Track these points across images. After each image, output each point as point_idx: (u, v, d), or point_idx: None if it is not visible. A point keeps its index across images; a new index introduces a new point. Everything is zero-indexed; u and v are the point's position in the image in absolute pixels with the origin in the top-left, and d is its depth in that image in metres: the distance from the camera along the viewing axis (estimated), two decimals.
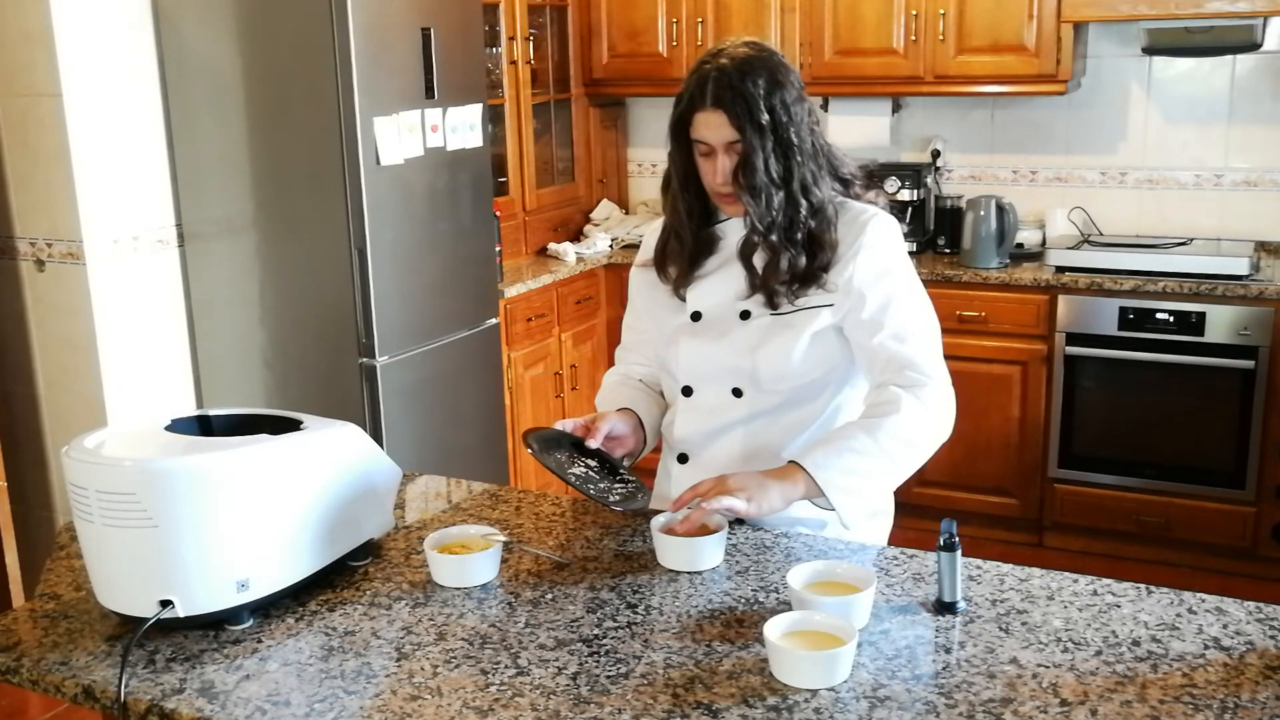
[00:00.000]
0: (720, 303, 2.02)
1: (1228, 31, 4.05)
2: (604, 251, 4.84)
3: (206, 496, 1.63)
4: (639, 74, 4.95)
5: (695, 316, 2.04)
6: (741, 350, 1.99)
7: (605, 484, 1.99)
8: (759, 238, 1.94)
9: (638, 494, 1.99)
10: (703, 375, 2.04)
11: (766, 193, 1.90)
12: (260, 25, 3.50)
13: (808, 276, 1.94)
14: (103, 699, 1.57)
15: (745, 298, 2.00)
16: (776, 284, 1.95)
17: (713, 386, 2.04)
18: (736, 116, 1.87)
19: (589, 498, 1.93)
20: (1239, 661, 1.56)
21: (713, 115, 1.88)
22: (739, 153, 1.90)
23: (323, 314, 3.61)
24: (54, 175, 3.44)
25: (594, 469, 2.00)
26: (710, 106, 1.88)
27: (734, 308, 2.01)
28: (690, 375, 2.06)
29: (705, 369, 2.04)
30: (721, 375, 2.02)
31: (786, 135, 1.90)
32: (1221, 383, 3.94)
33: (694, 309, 2.04)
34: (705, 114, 1.89)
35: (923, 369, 1.94)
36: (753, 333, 1.99)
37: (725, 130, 1.88)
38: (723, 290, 2.02)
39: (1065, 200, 4.59)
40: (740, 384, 2.01)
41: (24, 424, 3.70)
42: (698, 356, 2.04)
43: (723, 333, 2.01)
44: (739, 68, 1.89)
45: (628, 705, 1.48)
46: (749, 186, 1.90)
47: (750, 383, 2.01)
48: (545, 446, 1.97)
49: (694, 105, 1.91)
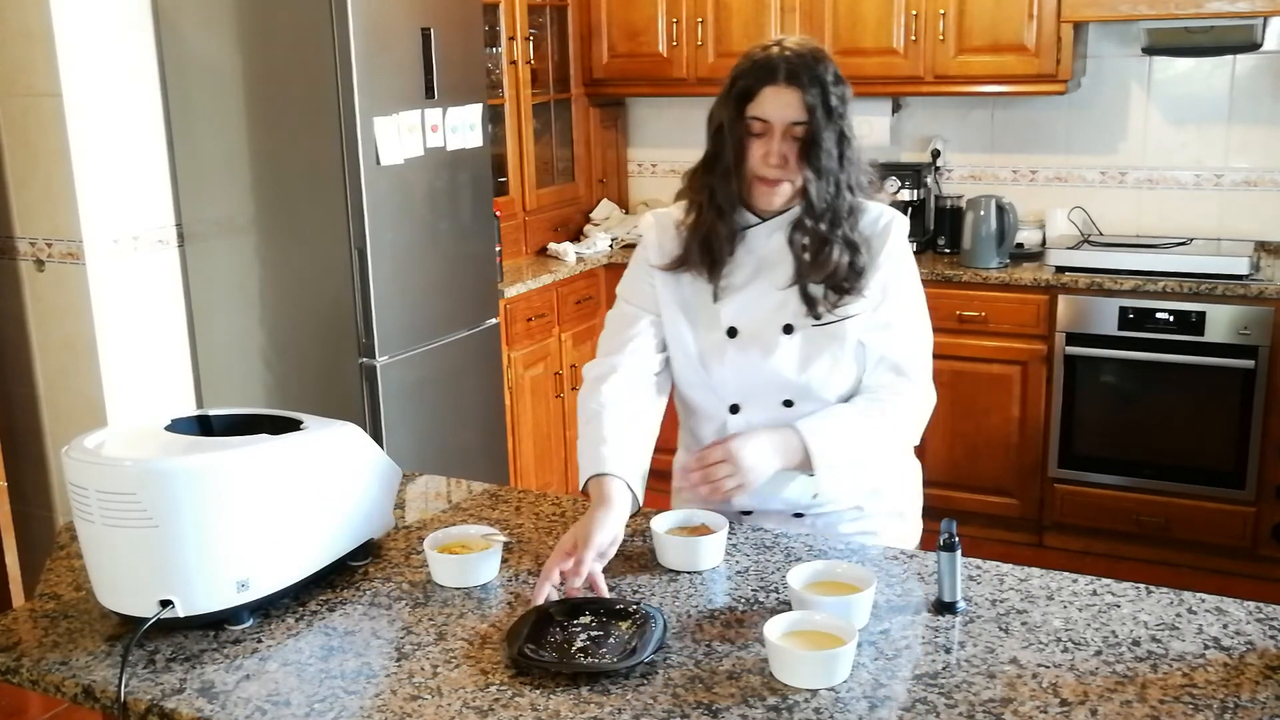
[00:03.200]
0: (758, 316, 1.97)
1: (1228, 31, 4.05)
2: (604, 251, 4.84)
3: (206, 496, 1.63)
4: (639, 74, 4.95)
5: (732, 332, 1.98)
6: (792, 366, 1.97)
7: (614, 637, 1.65)
8: (812, 221, 1.91)
9: (648, 623, 1.67)
10: (751, 392, 2.00)
11: (829, 177, 1.88)
12: (260, 25, 3.50)
13: (848, 274, 1.93)
14: (103, 699, 1.57)
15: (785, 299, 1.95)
16: (821, 278, 1.93)
17: (762, 401, 2.00)
18: (810, 95, 1.85)
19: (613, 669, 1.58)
20: (1239, 661, 1.56)
21: (785, 91, 1.85)
22: (798, 135, 1.87)
23: (323, 314, 3.61)
24: (54, 175, 3.44)
25: (590, 624, 1.68)
26: (783, 82, 1.85)
27: (774, 321, 1.96)
28: (738, 394, 2.01)
29: (753, 386, 1.99)
30: (772, 391, 1.99)
31: (844, 128, 1.90)
32: (1221, 383, 3.94)
33: (729, 324, 1.98)
34: (776, 89, 1.86)
35: (912, 374, 1.99)
36: (800, 347, 1.96)
37: (794, 109, 1.86)
38: (760, 303, 1.97)
39: (1065, 200, 4.59)
40: (792, 396, 1.99)
41: (24, 424, 3.70)
42: (745, 375, 1.98)
43: (767, 348, 1.97)
44: (811, 53, 1.89)
45: (628, 705, 1.48)
46: (814, 167, 1.87)
47: (802, 395, 1.98)
48: (534, 638, 1.63)
49: (763, 80, 1.87)
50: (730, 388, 2.01)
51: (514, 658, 1.57)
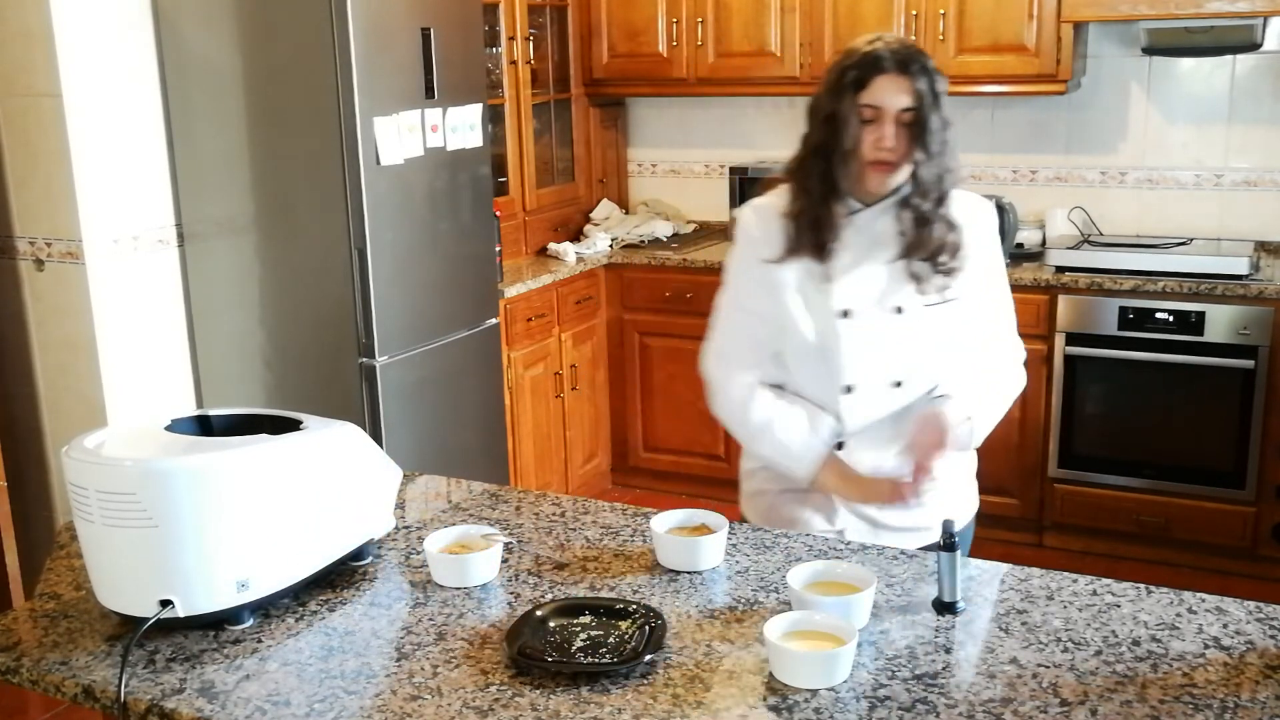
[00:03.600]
0: (869, 298, 2.07)
1: (1228, 31, 4.05)
2: (604, 251, 4.84)
3: (206, 496, 1.63)
4: (639, 74, 4.95)
5: (845, 314, 2.07)
6: (905, 347, 2.09)
7: (614, 637, 1.65)
8: (919, 200, 2.02)
9: (647, 623, 1.67)
10: (865, 373, 2.10)
11: (939, 157, 2.01)
12: (260, 25, 3.50)
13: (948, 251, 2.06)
14: (103, 699, 1.57)
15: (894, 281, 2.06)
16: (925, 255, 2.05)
17: (875, 382, 2.10)
18: (919, 82, 1.97)
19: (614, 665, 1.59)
20: (1239, 661, 1.56)
21: (897, 79, 1.98)
22: (905, 121, 1.98)
23: (323, 314, 3.60)
24: (54, 175, 3.44)
25: (590, 623, 1.68)
26: (894, 71, 1.98)
27: (885, 303, 2.08)
28: (854, 375, 2.10)
29: (868, 367, 2.09)
30: (883, 370, 2.10)
31: (946, 116, 2.02)
32: (1221, 383, 3.94)
33: (843, 306, 2.07)
34: (888, 78, 1.98)
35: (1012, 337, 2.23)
36: (910, 327, 2.08)
37: (904, 96, 1.97)
38: (870, 285, 2.08)
39: (1065, 200, 4.59)
40: (901, 376, 2.11)
41: (24, 424, 3.70)
42: (859, 356, 2.08)
43: (880, 330, 2.08)
44: (914, 46, 2.04)
45: (628, 705, 1.48)
46: (925, 148, 1.99)
47: (910, 375, 2.11)
48: (535, 639, 1.64)
49: (873, 70, 1.99)
50: (848, 370, 2.09)
51: (514, 658, 1.57)
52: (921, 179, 2.01)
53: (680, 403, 4.75)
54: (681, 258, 4.67)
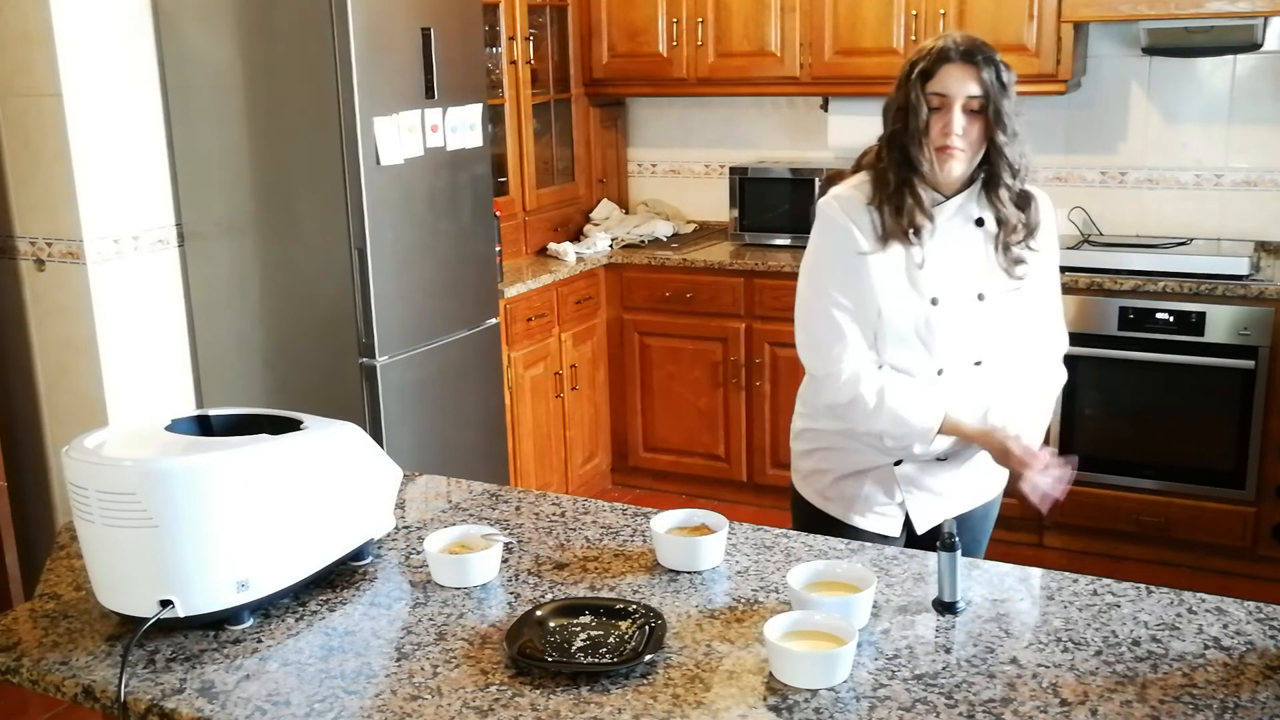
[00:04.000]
0: (955, 285, 2.17)
1: (1228, 31, 4.05)
2: (604, 251, 4.84)
3: (206, 496, 1.63)
4: (639, 74, 4.94)
5: (934, 301, 2.17)
6: (985, 330, 2.21)
7: (614, 637, 1.65)
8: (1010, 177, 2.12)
9: (647, 623, 1.67)
10: (954, 356, 2.21)
11: (1015, 139, 2.10)
12: (260, 25, 3.50)
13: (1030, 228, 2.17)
14: (103, 699, 1.57)
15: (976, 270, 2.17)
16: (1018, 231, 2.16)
17: (960, 363, 2.22)
18: (985, 71, 2.07)
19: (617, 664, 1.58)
20: (1239, 661, 1.56)
21: (962, 68, 2.07)
22: (973, 109, 2.08)
23: (323, 314, 3.60)
24: (54, 175, 3.44)
25: (590, 623, 1.68)
26: (960, 60, 2.08)
27: (969, 290, 2.18)
28: (944, 359, 2.20)
29: (956, 350, 2.21)
30: (968, 353, 2.22)
31: (1014, 105, 2.11)
32: (1221, 383, 3.94)
33: (932, 295, 2.16)
34: (954, 66, 2.08)
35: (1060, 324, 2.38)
36: (991, 313, 2.20)
37: (971, 84, 2.07)
38: (954, 272, 2.17)
39: (1065, 200, 4.59)
40: (981, 357, 2.23)
41: (24, 424, 3.70)
42: (948, 340, 2.19)
43: (965, 315, 2.19)
44: (979, 41, 2.12)
45: (628, 705, 1.48)
46: (1004, 131, 2.08)
47: (989, 355, 2.23)
48: (535, 639, 1.64)
49: (940, 61, 2.09)
50: (939, 354, 2.20)
51: (514, 658, 1.57)
52: (1008, 158, 2.10)
53: (680, 403, 4.75)
54: (681, 258, 4.67)
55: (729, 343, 4.61)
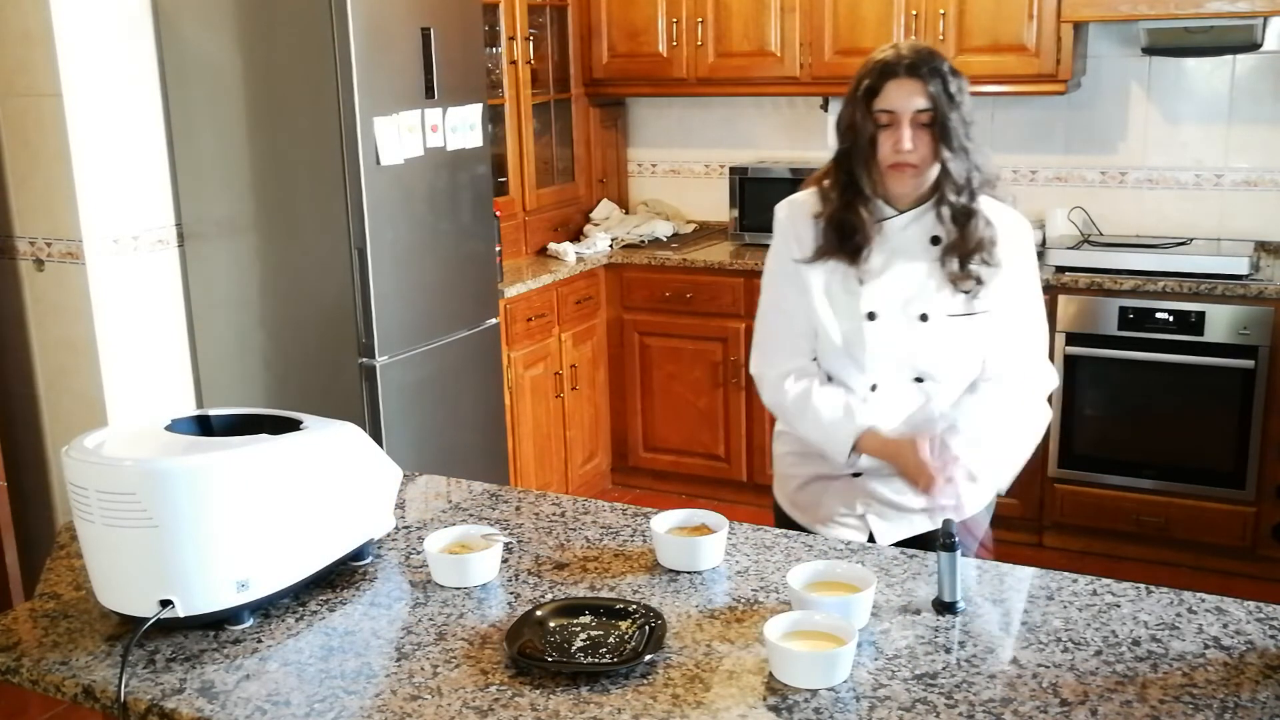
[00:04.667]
0: (894, 302, 2.13)
1: (1228, 31, 4.05)
2: (604, 251, 4.83)
3: (206, 496, 1.63)
4: (639, 74, 4.94)
5: (871, 316, 2.14)
6: (925, 353, 2.15)
7: (614, 637, 1.65)
8: (955, 195, 2.07)
9: (647, 623, 1.67)
10: (889, 373, 2.17)
11: (962, 154, 2.06)
12: (260, 25, 3.50)
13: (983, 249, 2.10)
14: (103, 699, 1.57)
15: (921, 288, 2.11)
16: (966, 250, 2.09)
17: (897, 381, 2.17)
18: (931, 84, 2.03)
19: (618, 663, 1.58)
20: (1239, 661, 1.56)
21: (907, 83, 2.04)
22: (923, 123, 2.04)
23: (323, 314, 3.60)
24: (54, 175, 3.44)
25: (590, 623, 1.68)
26: (905, 74, 2.04)
27: (910, 309, 2.13)
28: (877, 374, 2.17)
29: (891, 368, 2.17)
30: (906, 372, 2.17)
31: (967, 115, 2.08)
32: (1221, 383, 3.94)
33: (869, 309, 2.14)
34: (899, 82, 2.04)
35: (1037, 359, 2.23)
36: (934, 336, 2.14)
37: (918, 98, 2.03)
38: (895, 288, 2.13)
39: (1065, 200, 4.59)
40: (922, 375, 2.18)
41: (24, 424, 3.70)
42: (883, 358, 2.15)
43: (904, 336, 2.14)
44: (927, 50, 2.08)
45: (628, 705, 1.48)
46: (950, 146, 2.04)
47: (930, 376, 2.18)
48: (535, 639, 1.64)
49: (885, 76, 2.05)
50: (871, 369, 2.17)
51: (514, 658, 1.57)
52: (953, 175, 2.06)
53: (680, 403, 4.75)
54: (681, 258, 4.67)
55: (729, 343, 4.61)
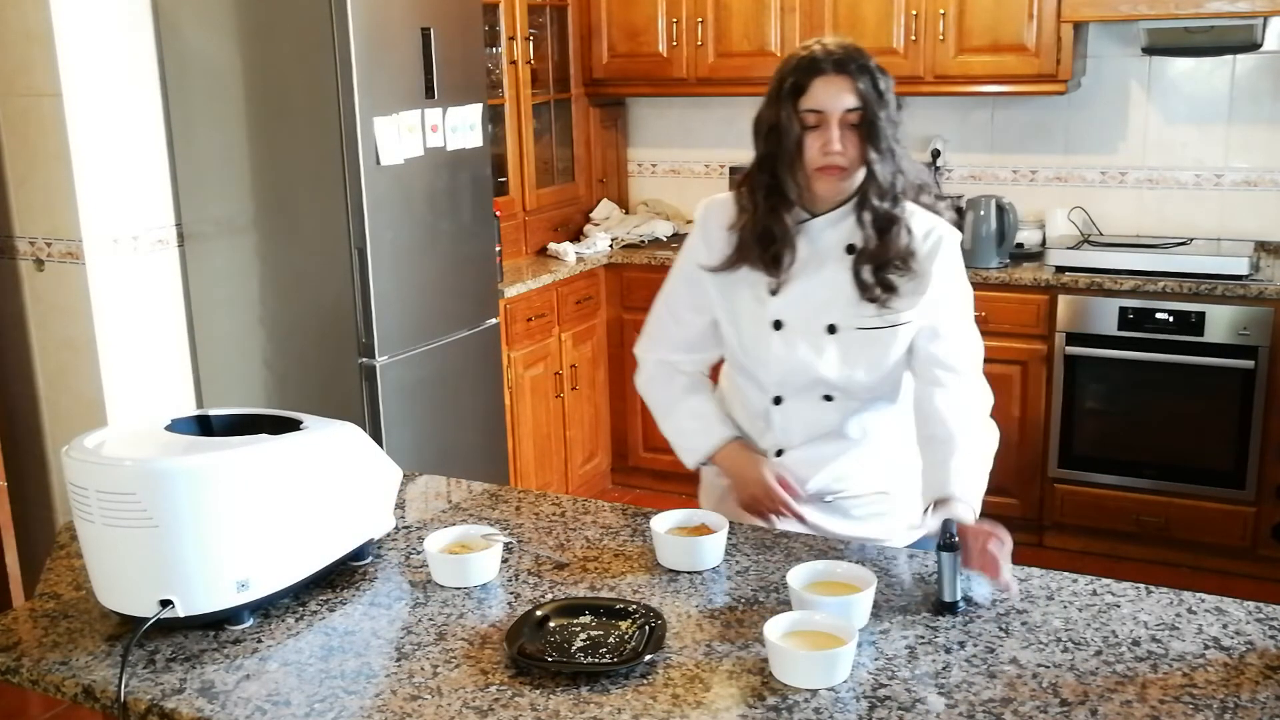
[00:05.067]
0: (803, 311, 2.02)
1: (1228, 31, 4.05)
2: (604, 251, 4.83)
3: (206, 496, 1.63)
4: (639, 74, 4.94)
5: (777, 325, 2.03)
6: (833, 365, 2.03)
7: (614, 637, 1.65)
8: (878, 199, 1.95)
9: (647, 623, 1.67)
10: (794, 386, 2.07)
11: (889, 157, 1.94)
12: (260, 25, 3.49)
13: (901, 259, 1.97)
14: (103, 699, 1.57)
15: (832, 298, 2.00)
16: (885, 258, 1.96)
17: (804, 395, 2.07)
18: (861, 82, 1.91)
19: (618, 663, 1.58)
20: (1239, 661, 1.56)
21: (835, 80, 1.92)
22: (853, 123, 1.92)
23: (323, 314, 3.60)
24: (54, 175, 3.44)
25: (590, 623, 1.68)
26: (833, 71, 1.92)
27: (819, 319, 2.02)
28: (781, 387, 2.08)
29: (797, 381, 2.06)
30: (814, 386, 2.06)
31: (894, 115, 1.96)
32: (1221, 383, 3.94)
33: (776, 317, 2.03)
34: (826, 80, 1.92)
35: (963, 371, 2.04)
36: (842, 348, 2.02)
37: (846, 96, 1.91)
38: (805, 298, 2.02)
39: (1065, 200, 4.59)
40: (831, 392, 2.06)
41: (24, 424, 3.70)
42: (788, 369, 2.05)
43: (812, 348, 2.03)
44: (854, 46, 1.97)
45: (628, 705, 1.48)
46: (876, 147, 1.92)
47: (841, 392, 2.05)
48: (535, 639, 1.64)
49: (812, 73, 1.93)
50: (773, 379, 2.06)
51: (514, 658, 1.57)
52: (878, 178, 1.94)
53: None
54: None
55: None
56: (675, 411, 2.17)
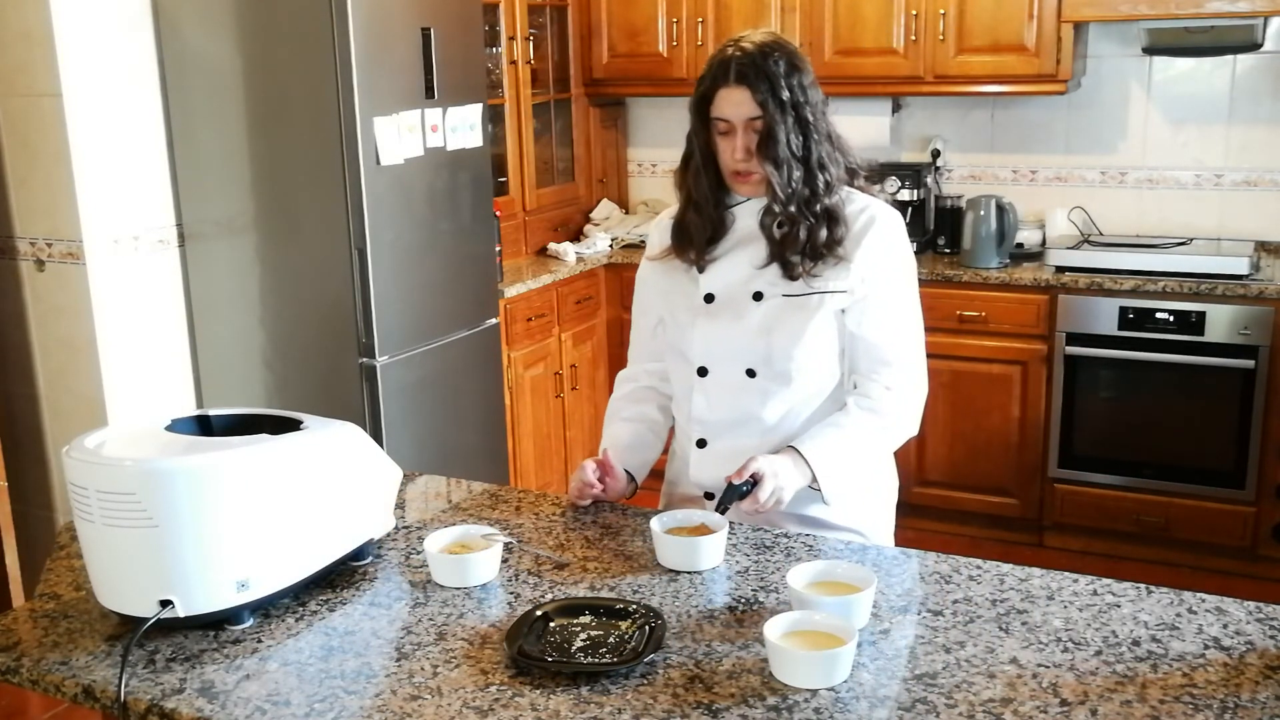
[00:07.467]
0: (732, 283, 2.07)
1: (1228, 31, 4.05)
2: (604, 251, 4.84)
3: (206, 496, 1.63)
4: (639, 74, 4.95)
5: (709, 298, 2.09)
6: (754, 331, 2.06)
7: (614, 637, 1.65)
8: (780, 207, 1.99)
9: (647, 623, 1.67)
10: (717, 356, 2.10)
11: (788, 165, 1.98)
12: (260, 25, 3.50)
13: (825, 247, 2.01)
14: (103, 699, 1.57)
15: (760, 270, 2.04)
16: (793, 254, 2.02)
17: (727, 367, 2.09)
18: (759, 92, 1.95)
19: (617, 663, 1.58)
20: (1239, 661, 1.56)
21: (735, 91, 1.96)
22: (758, 129, 1.97)
23: (323, 314, 3.61)
24: (54, 175, 3.44)
25: (590, 623, 1.68)
26: (734, 83, 1.96)
27: (746, 288, 2.06)
28: (705, 356, 2.11)
29: (719, 350, 2.09)
30: (735, 356, 2.08)
31: (804, 114, 1.99)
32: (1221, 383, 3.94)
33: (707, 290, 2.09)
34: (728, 90, 1.97)
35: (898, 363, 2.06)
36: (765, 314, 2.05)
37: (747, 106, 1.96)
38: (734, 271, 2.07)
39: (1065, 200, 4.59)
40: (753, 364, 2.07)
41: (24, 424, 3.70)
42: (712, 338, 2.09)
43: (736, 314, 2.07)
44: (760, 50, 1.98)
45: (628, 705, 1.48)
46: (771, 158, 1.97)
47: (763, 363, 2.06)
48: (535, 639, 1.64)
49: (717, 83, 1.98)
50: (699, 351, 2.11)
51: (514, 658, 1.57)
52: (774, 188, 1.98)
53: None
54: None
55: None
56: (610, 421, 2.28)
